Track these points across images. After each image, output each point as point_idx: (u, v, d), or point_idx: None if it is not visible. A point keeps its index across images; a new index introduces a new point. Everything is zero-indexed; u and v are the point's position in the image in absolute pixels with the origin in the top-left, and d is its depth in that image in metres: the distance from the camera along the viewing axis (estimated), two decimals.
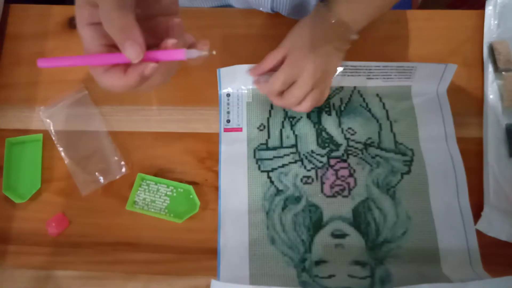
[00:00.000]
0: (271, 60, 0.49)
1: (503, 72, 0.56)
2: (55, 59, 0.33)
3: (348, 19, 0.47)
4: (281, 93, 0.50)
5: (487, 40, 0.58)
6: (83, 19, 0.32)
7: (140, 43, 0.30)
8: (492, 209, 0.50)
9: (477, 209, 0.50)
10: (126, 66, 0.32)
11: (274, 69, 0.49)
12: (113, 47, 0.32)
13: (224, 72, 0.53)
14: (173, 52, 0.32)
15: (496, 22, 0.59)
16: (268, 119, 0.55)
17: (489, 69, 0.56)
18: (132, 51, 0.30)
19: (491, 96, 0.55)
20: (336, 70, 0.51)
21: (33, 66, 0.58)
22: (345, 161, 0.53)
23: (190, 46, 0.35)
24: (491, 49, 0.57)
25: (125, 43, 0.30)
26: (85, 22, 0.32)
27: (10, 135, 0.54)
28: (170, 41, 0.32)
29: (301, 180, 0.52)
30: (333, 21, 0.47)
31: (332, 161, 0.53)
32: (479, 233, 0.49)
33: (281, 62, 0.49)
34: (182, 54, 0.32)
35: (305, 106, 0.50)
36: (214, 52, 0.35)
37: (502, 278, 0.43)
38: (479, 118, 0.55)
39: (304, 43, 0.48)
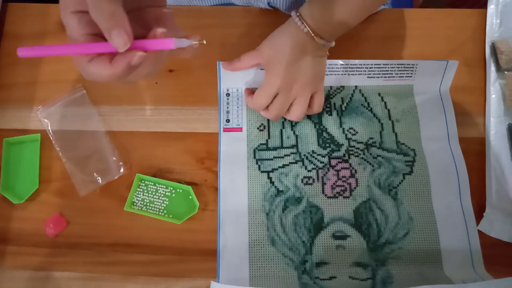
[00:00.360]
0: (246, 61, 0.50)
1: (505, 72, 0.55)
2: (37, 48, 0.31)
3: (320, 30, 0.47)
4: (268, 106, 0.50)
5: (489, 39, 0.57)
6: (68, 6, 0.30)
7: (128, 31, 0.29)
8: (494, 209, 0.50)
9: (479, 210, 0.50)
10: (112, 55, 0.31)
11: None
12: (98, 37, 0.31)
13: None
14: (162, 41, 0.31)
15: (498, 21, 0.58)
16: (268, 119, 0.54)
17: (491, 68, 0.55)
18: (119, 39, 0.29)
19: (493, 96, 0.54)
20: (321, 74, 0.51)
21: (32, 65, 0.57)
22: (346, 161, 0.52)
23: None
24: (493, 48, 0.56)
25: (112, 31, 0.29)
26: (70, 9, 0.30)
27: (9, 135, 0.53)
28: (159, 30, 0.31)
29: (302, 180, 0.51)
30: (305, 31, 0.47)
31: (333, 162, 0.52)
32: (481, 234, 0.49)
33: (255, 65, 0.51)
34: (171, 43, 0.31)
35: (295, 114, 0.50)
36: (204, 42, 0.34)
37: (503, 279, 0.42)
38: (481, 118, 0.54)
39: (281, 55, 0.47)
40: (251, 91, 0.53)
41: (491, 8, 0.58)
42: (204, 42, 0.34)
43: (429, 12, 0.60)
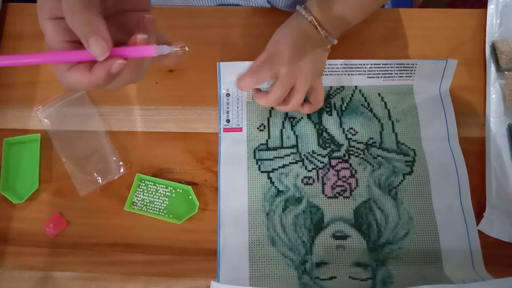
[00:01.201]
0: (261, 70, 0.49)
1: (505, 72, 0.54)
2: (12, 57, 0.30)
3: (325, 22, 0.48)
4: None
5: (489, 39, 0.57)
6: (45, 12, 0.29)
7: (106, 38, 0.28)
8: (494, 209, 0.49)
9: (479, 210, 0.49)
10: (92, 63, 0.29)
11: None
12: (77, 43, 0.29)
13: (224, 67, 0.52)
14: (142, 48, 0.30)
15: (498, 21, 0.57)
16: (268, 119, 0.53)
17: (491, 68, 0.55)
18: (97, 47, 0.27)
19: (493, 96, 0.54)
20: (320, 70, 0.51)
21: (32, 65, 0.56)
22: (346, 161, 0.51)
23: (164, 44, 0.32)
24: (493, 48, 0.56)
25: (90, 38, 0.27)
26: (47, 15, 0.29)
27: (9, 135, 0.53)
28: (140, 36, 0.29)
29: (302, 180, 0.51)
30: (309, 20, 0.48)
31: (333, 162, 0.51)
32: (481, 234, 0.48)
33: None
34: (151, 50, 0.30)
35: (293, 103, 0.49)
36: (186, 48, 0.33)
37: (503, 279, 0.42)
38: (481, 118, 0.54)
39: (285, 43, 0.48)
40: (256, 90, 0.52)
41: (491, 8, 0.58)
42: (187, 48, 0.33)
43: (429, 12, 0.59)
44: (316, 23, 0.47)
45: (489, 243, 0.48)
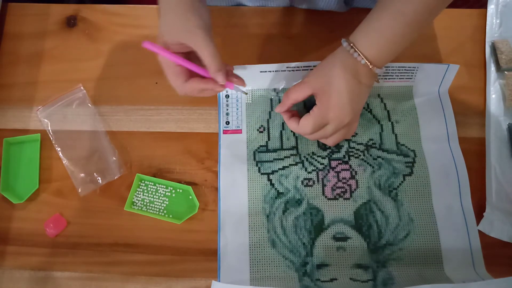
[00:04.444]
0: (295, 96, 0.46)
1: (505, 72, 0.52)
2: (159, 48, 0.42)
3: (373, 58, 0.42)
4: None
5: (489, 39, 0.54)
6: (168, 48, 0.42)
7: (224, 73, 0.42)
8: (494, 209, 0.47)
9: (479, 210, 0.48)
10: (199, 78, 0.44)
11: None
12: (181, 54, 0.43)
13: None
14: (228, 84, 0.44)
15: (498, 21, 0.55)
16: (268, 120, 0.51)
17: (491, 68, 0.53)
18: (222, 79, 0.42)
19: (493, 96, 0.52)
20: (362, 107, 0.46)
21: (32, 65, 0.55)
22: (346, 162, 0.49)
23: (228, 72, 0.45)
24: (493, 48, 0.53)
25: (218, 73, 0.41)
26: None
27: (9, 135, 0.51)
28: (235, 80, 0.45)
29: (302, 182, 0.48)
30: (363, 63, 0.42)
31: (333, 163, 0.49)
32: (481, 234, 0.46)
33: (306, 97, 0.46)
34: (232, 87, 0.45)
35: (333, 141, 0.46)
36: (246, 93, 0.50)
37: (503, 279, 0.40)
38: (481, 118, 0.52)
39: (334, 87, 0.43)
40: (291, 114, 0.48)
41: (491, 8, 0.56)
42: (246, 93, 0.50)
43: None
44: (369, 64, 0.42)
45: (489, 243, 0.46)
